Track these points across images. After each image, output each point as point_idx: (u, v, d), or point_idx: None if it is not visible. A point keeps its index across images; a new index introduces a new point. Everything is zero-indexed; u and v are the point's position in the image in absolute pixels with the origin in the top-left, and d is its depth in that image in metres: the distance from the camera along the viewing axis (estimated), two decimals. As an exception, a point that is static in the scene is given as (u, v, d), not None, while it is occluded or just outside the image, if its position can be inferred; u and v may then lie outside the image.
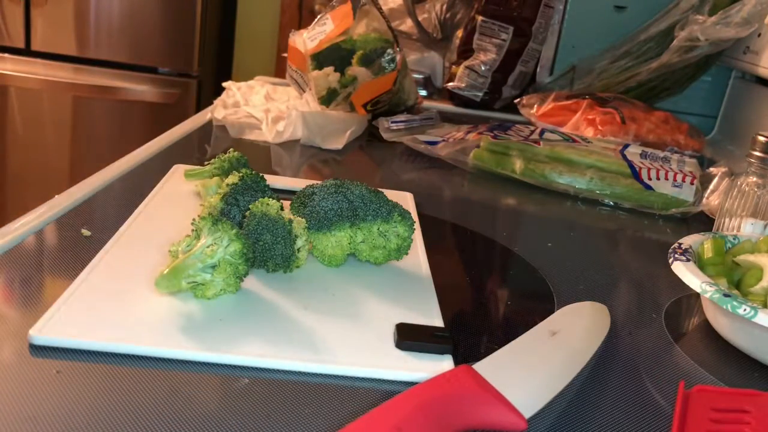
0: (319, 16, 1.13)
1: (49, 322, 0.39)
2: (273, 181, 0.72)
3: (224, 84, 1.08)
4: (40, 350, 0.38)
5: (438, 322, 0.45)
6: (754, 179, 0.66)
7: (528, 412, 0.36)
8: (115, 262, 0.48)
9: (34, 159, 2.00)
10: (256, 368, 0.39)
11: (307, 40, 1.08)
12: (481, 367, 0.38)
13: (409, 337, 0.42)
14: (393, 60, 1.02)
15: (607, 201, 0.83)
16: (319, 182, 0.55)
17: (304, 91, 1.08)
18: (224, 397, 0.37)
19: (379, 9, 1.09)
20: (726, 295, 0.46)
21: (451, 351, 0.42)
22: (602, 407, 0.40)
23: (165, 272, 0.43)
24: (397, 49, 1.06)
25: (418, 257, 0.56)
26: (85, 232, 0.53)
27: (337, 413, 0.36)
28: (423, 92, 1.34)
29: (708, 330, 0.52)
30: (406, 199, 0.71)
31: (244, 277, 0.46)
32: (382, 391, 0.39)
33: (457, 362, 0.43)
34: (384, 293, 0.49)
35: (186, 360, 0.39)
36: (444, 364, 0.40)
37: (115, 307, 0.42)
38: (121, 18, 1.93)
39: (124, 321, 0.41)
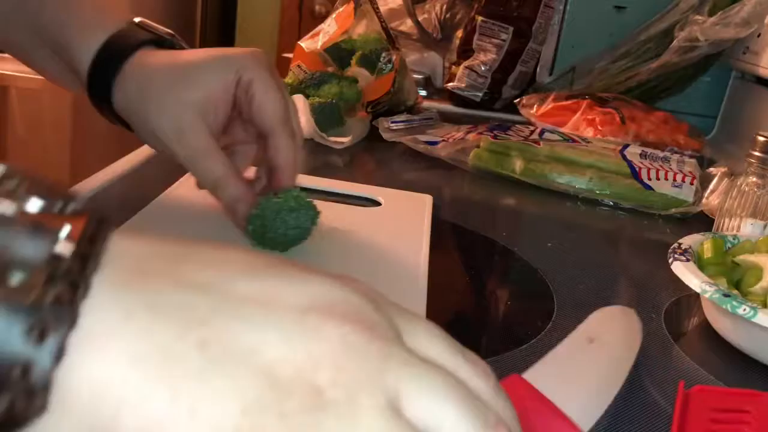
0: (327, 20, 1.14)
1: None
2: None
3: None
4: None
5: None
6: (754, 179, 0.66)
7: (584, 426, 0.35)
8: None
9: (34, 159, 2.00)
10: None
11: (314, 43, 1.09)
12: (528, 377, 0.37)
13: None
14: (390, 61, 1.03)
15: (607, 201, 0.83)
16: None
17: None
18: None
19: (376, 9, 1.10)
20: (726, 295, 0.46)
21: None
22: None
23: None
24: (395, 49, 1.06)
25: (418, 255, 0.56)
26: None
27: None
28: (423, 92, 1.34)
29: (708, 330, 0.52)
30: (425, 202, 0.70)
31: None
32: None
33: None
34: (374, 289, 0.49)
35: None
36: None
37: None
38: (121, 18, 1.93)
39: None
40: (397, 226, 0.63)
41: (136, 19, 0.51)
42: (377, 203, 0.69)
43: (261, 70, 0.47)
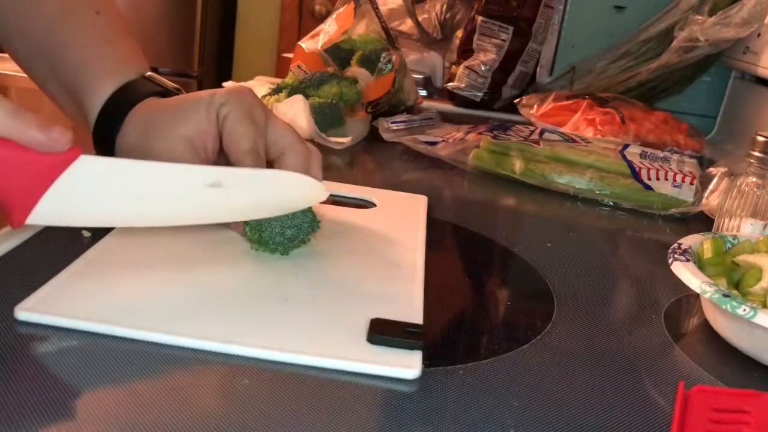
0: (327, 20, 1.14)
1: (36, 301, 0.41)
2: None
3: (224, 84, 1.08)
4: (25, 327, 0.40)
5: (417, 319, 0.45)
6: (754, 179, 0.66)
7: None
8: (109, 249, 0.50)
9: (34, 159, 2.00)
10: (221, 353, 0.40)
11: (314, 43, 1.09)
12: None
13: (381, 332, 0.42)
14: (390, 61, 1.03)
15: (606, 201, 0.83)
16: None
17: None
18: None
19: (376, 9, 1.10)
20: (725, 296, 0.46)
21: (420, 347, 0.41)
22: (602, 407, 0.40)
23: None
24: (395, 49, 1.06)
25: (414, 255, 0.56)
26: (86, 233, 0.53)
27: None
28: (423, 92, 1.34)
29: (708, 330, 0.52)
30: (419, 203, 0.70)
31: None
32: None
33: (454, 363, 0.43)
34: (370, 289, 0.50)
35: (156, 342, 0.40)
36: (412, 359, 0.41)
37: (95, 287, 0.44)
38: (121, 18, 1.93)
39: (96, 301, 0.43)
40: (393, 226, 0.63)
41: (147, 74, 0.59)
42: (372, 204, 0.69)
43: (238, 106, 0.52)
